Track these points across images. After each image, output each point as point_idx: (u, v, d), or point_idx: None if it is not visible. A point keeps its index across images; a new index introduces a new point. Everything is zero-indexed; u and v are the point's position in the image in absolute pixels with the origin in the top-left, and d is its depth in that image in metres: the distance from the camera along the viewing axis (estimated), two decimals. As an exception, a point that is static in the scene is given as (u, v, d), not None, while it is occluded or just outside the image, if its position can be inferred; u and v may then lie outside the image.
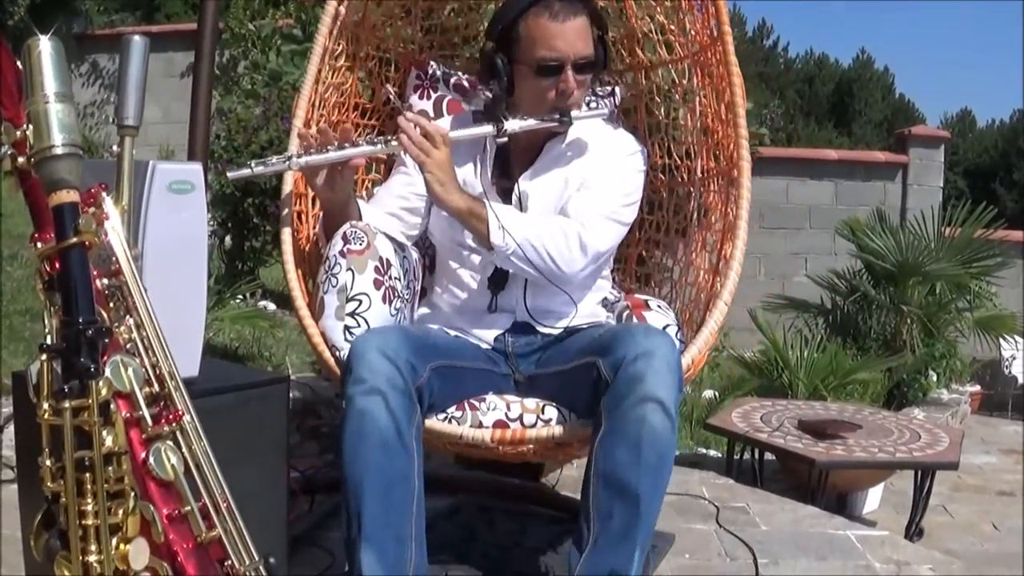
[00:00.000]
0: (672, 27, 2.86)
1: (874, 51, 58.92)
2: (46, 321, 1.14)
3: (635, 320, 2.41)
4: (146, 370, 1.19)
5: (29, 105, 1.09)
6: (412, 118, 2.31)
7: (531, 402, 2.24)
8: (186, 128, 3.14)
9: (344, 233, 2.30)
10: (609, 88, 2.83)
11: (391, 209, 2.48)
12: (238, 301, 4.90)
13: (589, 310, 2.47)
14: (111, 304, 1.20)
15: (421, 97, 2.97)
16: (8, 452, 2.84)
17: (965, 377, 8.30)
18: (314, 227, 2.58)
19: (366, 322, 2.22)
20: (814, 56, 33.86)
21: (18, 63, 1.10)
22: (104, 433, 1.12)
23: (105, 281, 1.20)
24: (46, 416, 1.12)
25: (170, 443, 1.20)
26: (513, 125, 2.36)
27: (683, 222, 2.82)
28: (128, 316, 1.19)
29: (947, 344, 7.77)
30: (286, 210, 2.53)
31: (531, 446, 2.19)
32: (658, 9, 2.89)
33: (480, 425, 2.18)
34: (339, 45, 2.77)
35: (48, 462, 1.13)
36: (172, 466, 1.18)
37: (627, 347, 2.01)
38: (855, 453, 4.02)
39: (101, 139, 11.46)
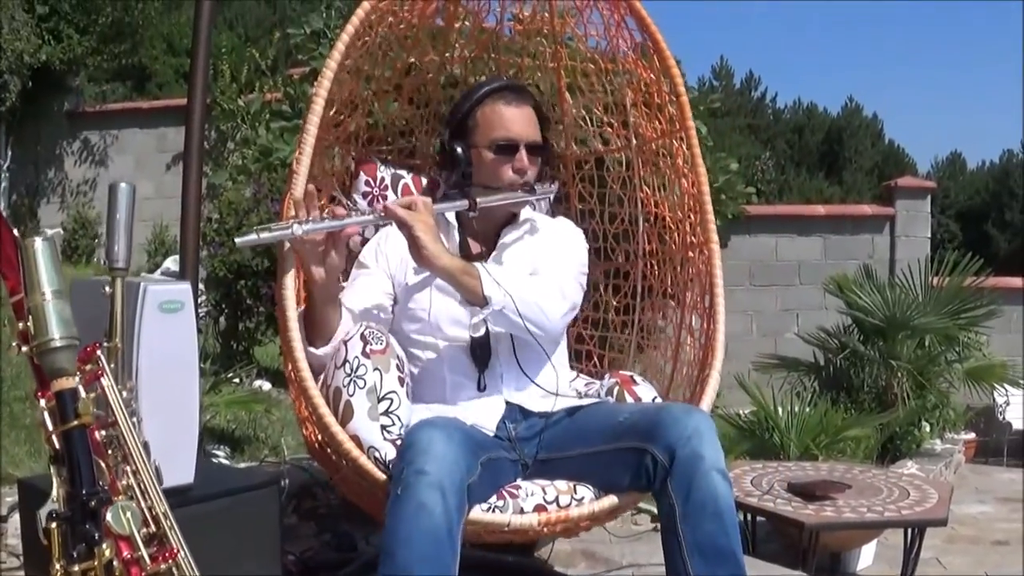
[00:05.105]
0: (611, 120, 3.07)
1: (862, 99, 59.31)
2: (54, 489, 1.26)
3: (626, 394, 2.60)
4: (143, 512, 1.30)
5: (29, 300, 1.23)
6: (399, 201, 2.44)
7: (562, 484, 2.35)
8: (179, 202, 3.21)
9: (362, 334, 2.35)
10: (554, 185, 2.87)
11: (362, 306, 2.53)
12: (235, 384, 4.97)
13: (568, 385, 2.64)
14: (109, 451, 1.31)
15: (371, 204, 2.95)
16: (13, 540, 2.91)
17: (959, 425, 8.32)
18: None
19: (399, 419, 2.27)
20: (802, 106, 34.21)
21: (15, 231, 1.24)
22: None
23: (103, 432, 1.31)
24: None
25: (168, 579, 1.30)
26: (485, 200, 2.55)
27: (623, 300, 3.07)
28: (126, 464, 1.30)
29: (939, 395, 7.77)
30: (286, 284, 2.40)
31: (565, 525, 2.33)
32: (597, 105, 3.10)
33: (522, 511, 2.26)
34: None
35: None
36: (170, 600, 1.28)
37: (676, 430, 2.19)
38: (844, 514, 4.05)
39: (93, 216, 11.66)
